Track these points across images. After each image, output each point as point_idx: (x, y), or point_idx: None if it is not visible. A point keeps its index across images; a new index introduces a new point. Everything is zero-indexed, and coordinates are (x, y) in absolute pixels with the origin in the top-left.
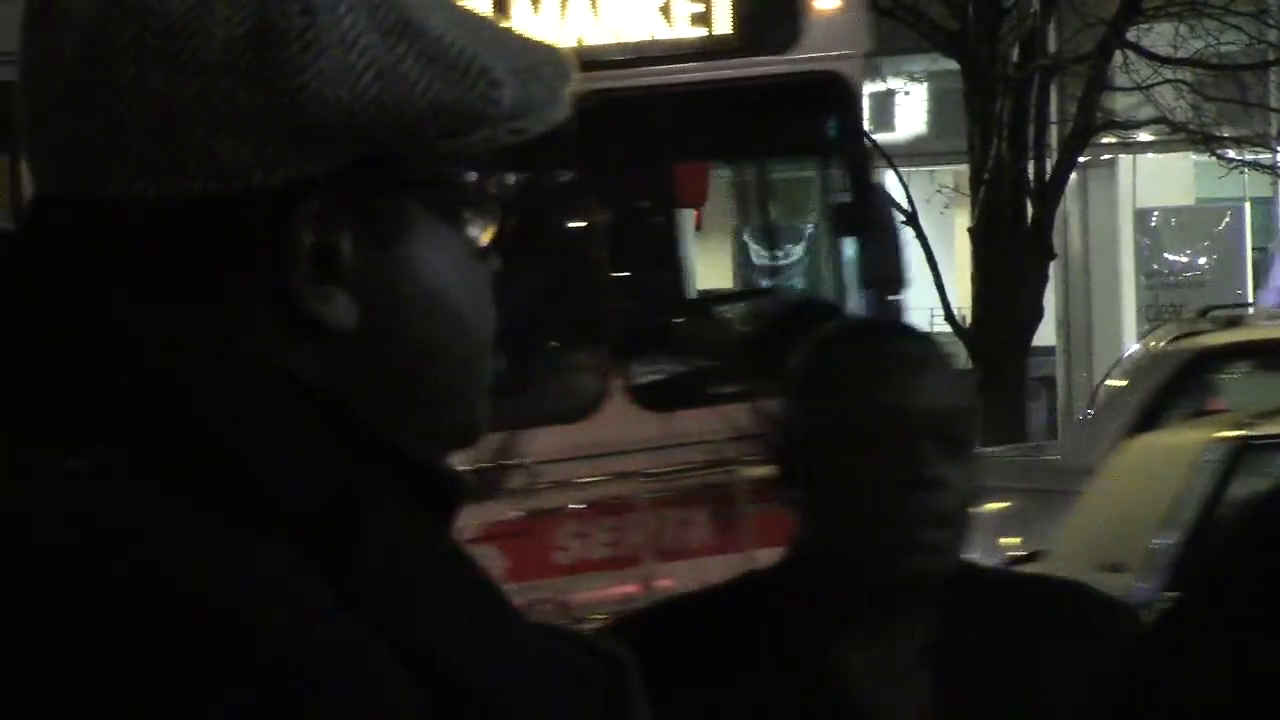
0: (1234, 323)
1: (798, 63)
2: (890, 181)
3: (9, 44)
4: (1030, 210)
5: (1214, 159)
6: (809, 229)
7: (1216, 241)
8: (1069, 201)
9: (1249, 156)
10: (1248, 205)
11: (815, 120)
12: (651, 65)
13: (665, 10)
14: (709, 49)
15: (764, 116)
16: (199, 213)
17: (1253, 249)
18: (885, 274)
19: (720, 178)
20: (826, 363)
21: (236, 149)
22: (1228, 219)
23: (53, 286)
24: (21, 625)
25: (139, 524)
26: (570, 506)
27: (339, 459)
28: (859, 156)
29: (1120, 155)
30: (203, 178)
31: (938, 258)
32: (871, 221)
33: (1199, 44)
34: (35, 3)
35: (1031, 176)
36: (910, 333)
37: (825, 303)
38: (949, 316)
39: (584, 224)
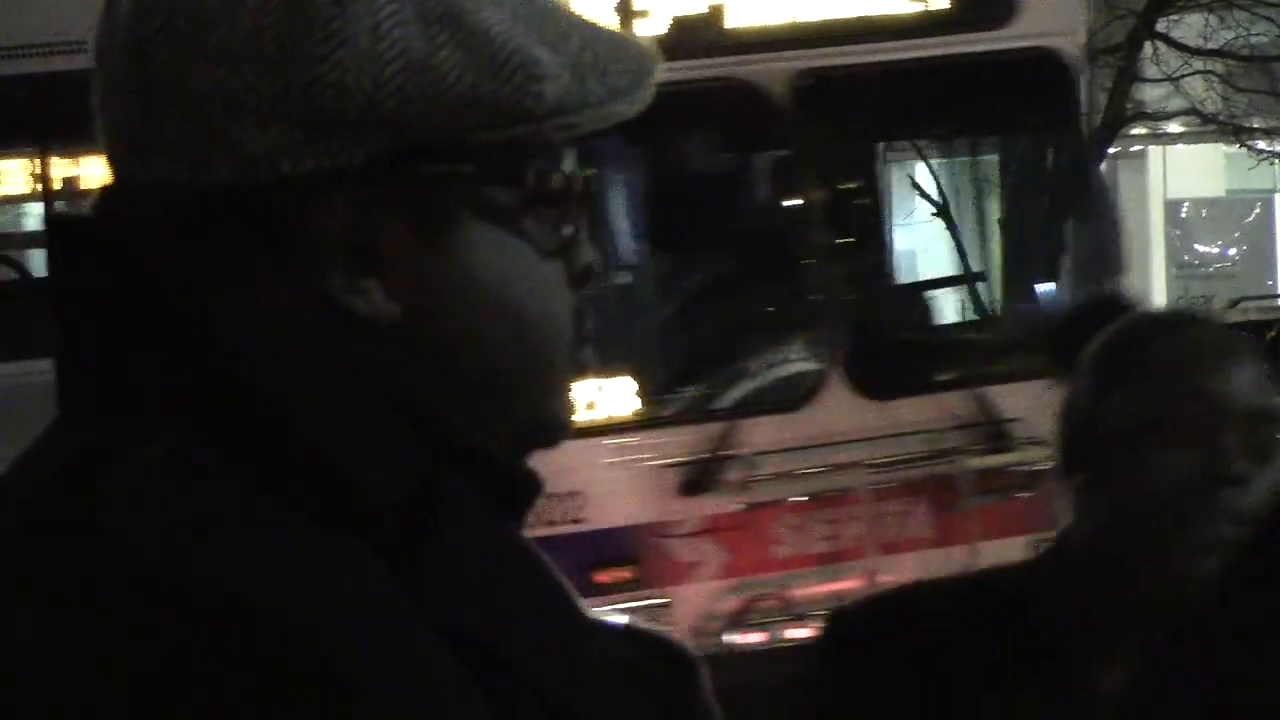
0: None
1: (1015, 39)
2: (921, 172)
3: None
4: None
5: (1244, 150)
6: (1026, 212)
7: (1247, 232)
8: None
9: (1279, 147)
10: (1278, 196)
11: (1033, 99)
12: (865, 42)
13: None
14: (925, 25)
15: (979, 95)
16: (238, 201)
17: None
18: (1105, 258)
19: (931, 158)
20: (1135, 349)
21: (260, 137)
22: (1258, 210)
23: (117, 272)
24: (74, 617)
25: (205, 522)
26: (789, 499)
27: (414, 454)
28: (1077, 138)
29: (1150, 146)
30: (230, 165)
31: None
32: (1091, 204)
33: (1229, 35)
34: None
35: None
36: (1221, 325)
37: (1118, 295)
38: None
39: (799, 206)
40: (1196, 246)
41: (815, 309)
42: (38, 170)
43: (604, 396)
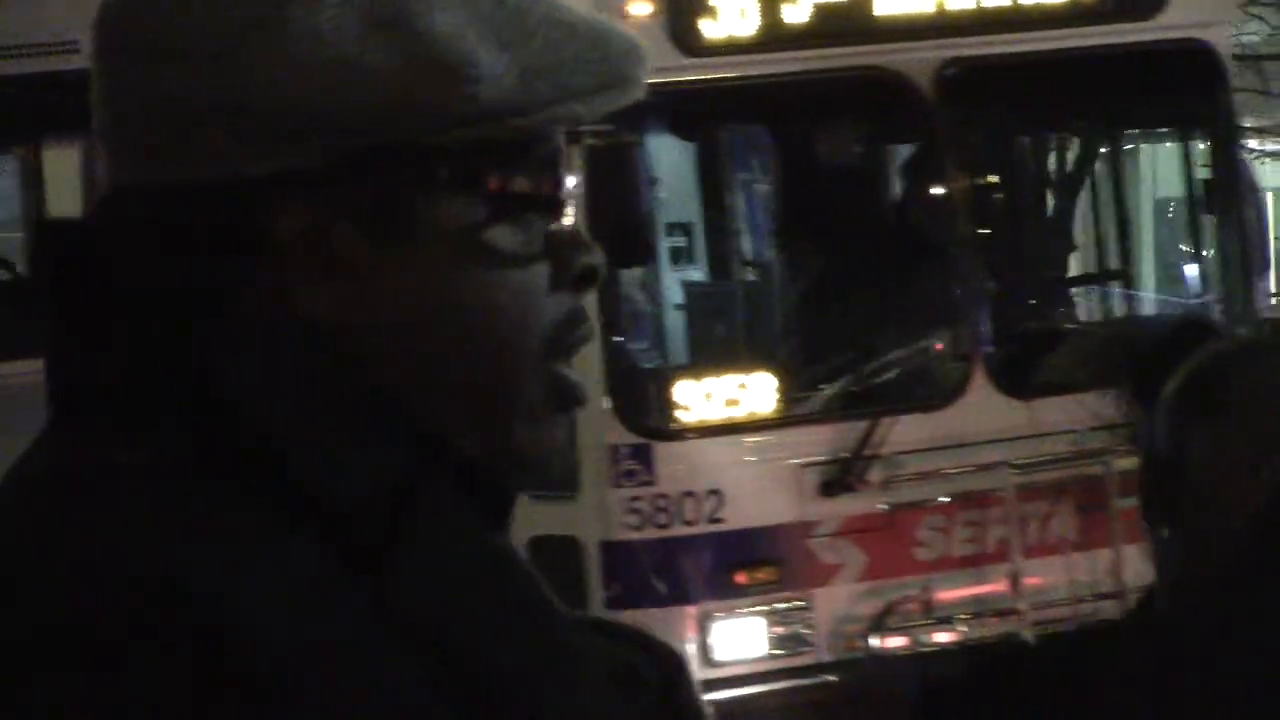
0: None
1: (1164, 30)
2: (1066, 164)
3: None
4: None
5: None
6: (1174, 206)
7: None
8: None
9: (1270, 147)
10: (1270, 195)
11: (1182, 91)
12: (1012, 31)
13: None
14: (1073, 15)
15: (1127, 86)
16: (206, 202)
17: (1275, 238)
18: (1249, 253)
19: (1077, 150)
20: (1216, 385)
21: (218, 138)
22: None
23: (102, 276)
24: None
25: (168, 527)
26: (931, 500)
27: (389, 457)
28: (1226, 130)
29: (1141, 144)
30: (195, 167)
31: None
32: (1238, 199)
33: None
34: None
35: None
36: None
37: (1201, 321)
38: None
39: (942, 198)
40: (1182, 247)
41: (958, 305)
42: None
43: (744, 394)
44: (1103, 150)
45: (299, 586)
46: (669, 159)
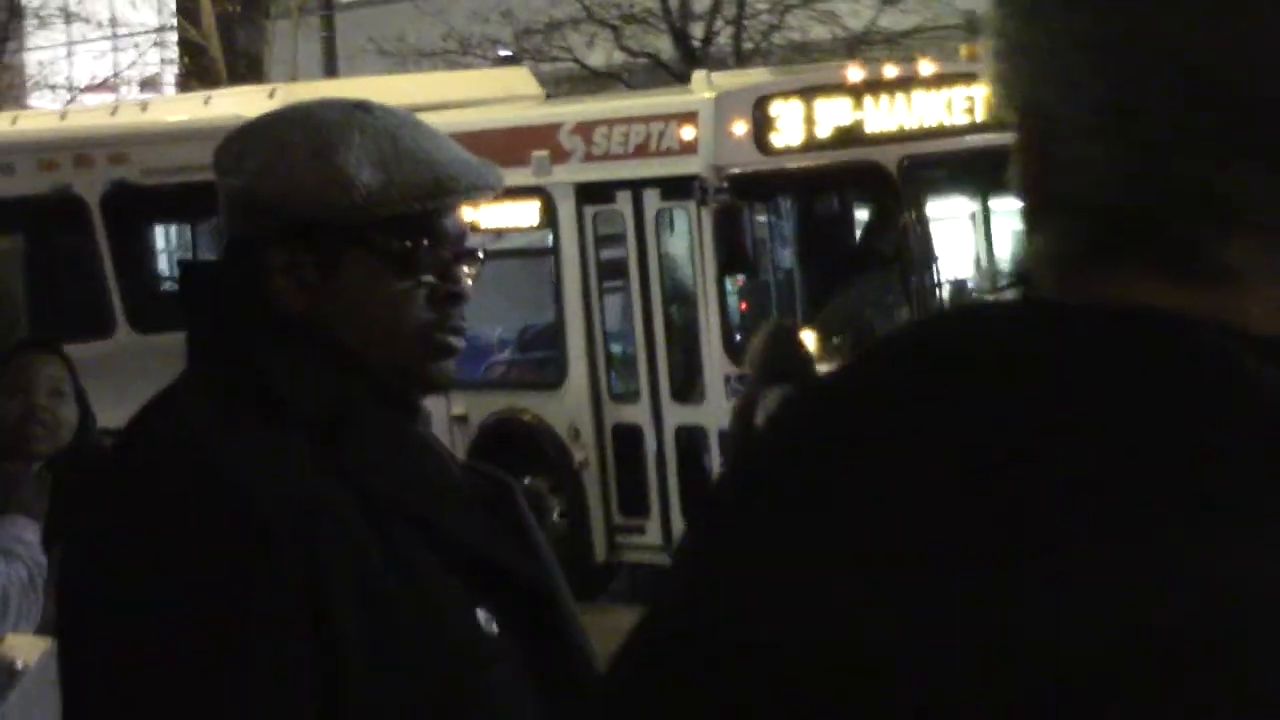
0: None
1: None
2: None
3: None
4: None
5: None
6: None
7: None
8: None
9: None
10: None
11: None
12: (954, 136)
13: None
14: (996, 124)
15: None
16: (250, 247)
17: None
18: None
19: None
20: None
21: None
22: None
23: (201, 291)
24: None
25: (212, 435)
26: None
27: (336, 386)
28: None
29: None
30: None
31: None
32: None
33: None
34: None
35: None
36: None
37: None
38: None
39: (899, 243)
40: None
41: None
42: None
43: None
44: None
45: (285, 461)
46: (756, 214)
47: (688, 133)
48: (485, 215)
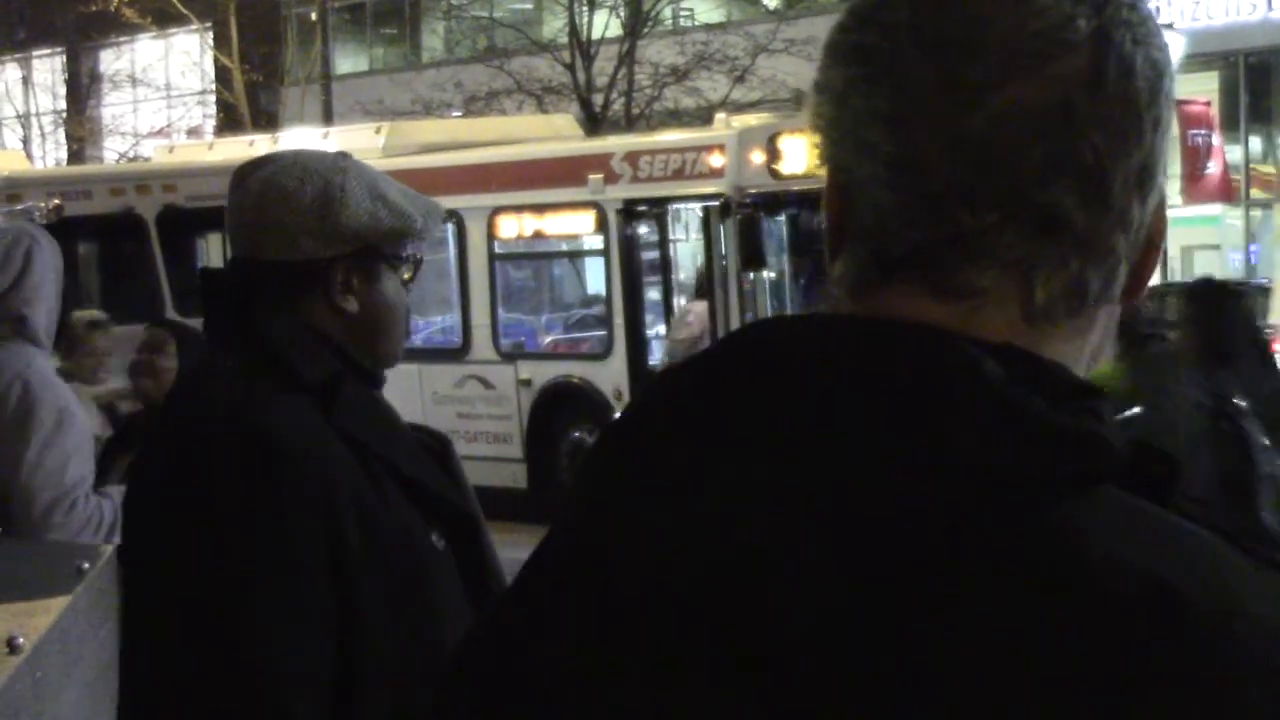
0: None
1: None
2: None
3: None
4: None
5: None
6: None
7: None
8: None
9: None
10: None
11: None
12: None
13: None
14: None
15: None
16: (301, 267)
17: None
18: None
19: None
20: None
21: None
22: None
23: (225, 297)
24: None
25: (246, 394)
26: None
27: (331, 364)
28: None
29: None
30: (302, 252)
31: None
32: None
33: None
34: None
35: None
36: None
37: None
38: None
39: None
40: None
41: None
42: None
43: None
44: None
45: (305, 418)
46: (768, 224)
47: (716, 160)
48: (550, 224)
